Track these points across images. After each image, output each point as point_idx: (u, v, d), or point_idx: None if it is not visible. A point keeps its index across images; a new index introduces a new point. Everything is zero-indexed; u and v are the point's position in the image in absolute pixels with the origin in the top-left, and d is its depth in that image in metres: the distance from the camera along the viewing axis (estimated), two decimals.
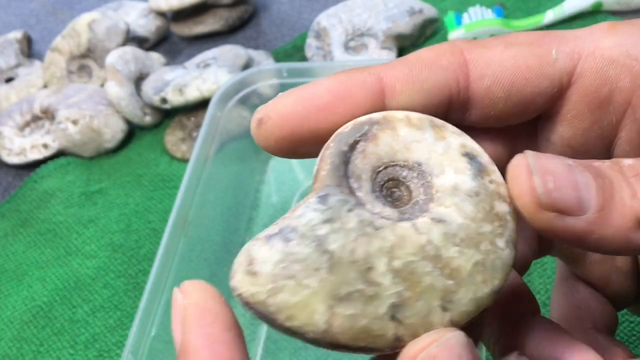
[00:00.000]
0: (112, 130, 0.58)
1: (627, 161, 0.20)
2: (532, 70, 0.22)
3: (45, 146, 0.59)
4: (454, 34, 0.60)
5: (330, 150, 0.21)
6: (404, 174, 0.21)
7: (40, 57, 0.71)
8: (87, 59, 0.65)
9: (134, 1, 0.73)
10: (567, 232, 0.19)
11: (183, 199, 0.44)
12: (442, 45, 0.22)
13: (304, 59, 0.63)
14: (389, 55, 0.60)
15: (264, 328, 0.45)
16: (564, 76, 0.22)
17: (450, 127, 0.22)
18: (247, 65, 0.59)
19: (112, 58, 0.59)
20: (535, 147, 0.24)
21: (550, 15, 0.60)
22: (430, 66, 0.22)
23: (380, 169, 0.21)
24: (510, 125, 0.24)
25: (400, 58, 0.22)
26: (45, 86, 0.66)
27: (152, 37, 0.70)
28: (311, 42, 0.62)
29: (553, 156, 0.19)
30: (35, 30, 0.77)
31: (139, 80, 0.61)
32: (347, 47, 0.61)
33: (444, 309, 0.19)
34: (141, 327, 0.38)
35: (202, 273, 0.46)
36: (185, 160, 0.57)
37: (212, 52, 0.61)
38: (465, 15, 0.61)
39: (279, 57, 0.65)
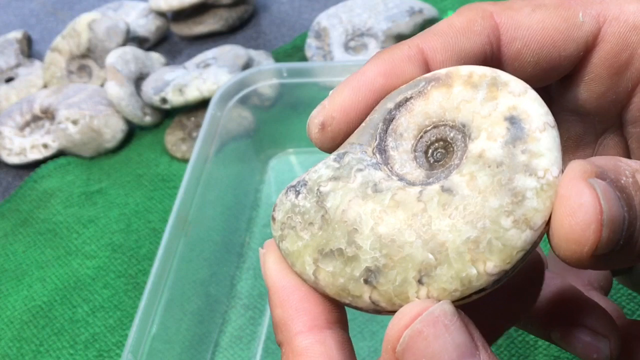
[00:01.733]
0: (112, 130, 0.58)
1: None
2: (560, 33, 0.22)
3: (45, 146, 0.59)
4: None
5: (376, 108, 0.21)
6: (452, 135, 0.20)
7: (40, 57, 0.71)
8: (87, 59, 0.65)
9: (134, 1, 0.73)
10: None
11: (183, 199, 0.44)
12: (470, 9, 0.22)
13: (304, 59, 0.63)
14: None
15: (264, 328, 0.45)
16: (589, 39, 0.22)
17: (514, 85, 0.20)
18: (247, 65, 0.59)
19: (112, 58, 0.59)
20: (548, 107, 0.25)
21: None
22: (464, 33, 0.22)
23: (429, 128, 0.20)
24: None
25: (432, 28, 0.22)
26: (45, 86, 0.66)
27: (152, 37, 0.70)
28: (311, 42, 0.62)
29: (606, 182, 0.17)
30: (35, 30, 0.77)
31: (139, 80, 0.61)
32: (347, 47, 0.61)
33: (420, 282, 0.19)
34: (141, 327, 0.38)
35: (202, 273, 0.46)
36: (185, 160, 0.57)
37: (212, 52, 0.61)
38: None
39: (279, 57, 0.65)
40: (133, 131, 0.61)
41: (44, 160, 0.60)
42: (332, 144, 0.22)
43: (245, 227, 0.51)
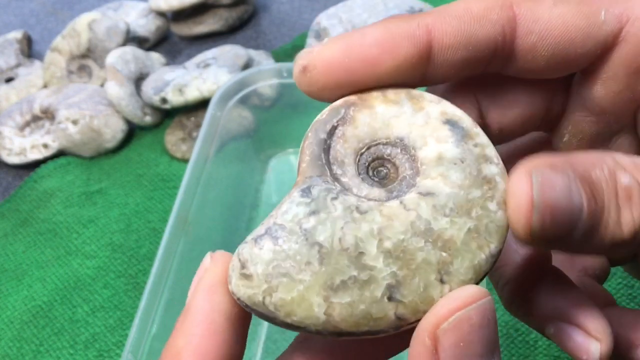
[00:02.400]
0: (112, 130, 0.58)
1: (624, 179, 0.19)
2: (579, 30, 0.22)
3: (45, 146, 0.59)
4: None
5: (309, 141, 0.21)
6: (388, 151, 0.21)
7: (40, 57, 0.71)
8: (87, 59, 0.65)
9: (134, 1, 0.73)
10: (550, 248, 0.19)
11: (183, 199, 0.44)
12: None
13: None
14: None
15: (264, 328, 0.45)
16: (609, 38, 0.22)
17: (428, 96, 0.21)
18: (247, 65, 0.59)
19: (112, 58, 0.59)
20: (567, 101, 0.25)
21: None
22: (479, 20, 0.21)
23: (363, 150, 0.21)
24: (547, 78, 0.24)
25: (448, 8, 0.22)
26: (45, 86, 0.66)
27: (152, 37, 0.70)
28: (311, 42, 0.62)
29: (555, 172, 0.18)
30: (35, 30, 0.77)
31: (139, 80, 0.61)
32: None
33: (442, 281, 0.19)
34: (141, 327, 0.38)
35: None
36: (185, 160, 0.57)
37: (212, 52, 0.61)
38: None
39: (279, 57, 0.65)
40: (133, 131, 0.61)
41: (44, 160, 0.60)
42: (308, 89, 0.22)
43: (245, 227, 0.51)
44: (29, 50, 0.72)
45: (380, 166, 0.21)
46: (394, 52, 0.21)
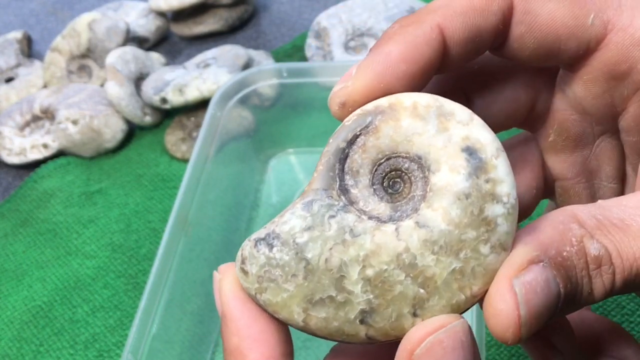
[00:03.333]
0: (112, 130, 0.58)
1: (593, 250, 0.20)
2: (566, 28, 0.22)
3: (45, 146, 0.59)
4: None
5: (328, 148, 0.21)
6: (406, 165, 0.21)
7: (40, 57, 0.71)
8: (87, 59, 0.65)
9: (134, 1, 0.73)
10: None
11: (183, 199, 0.44)
12: None
13: (304, 59, 0.63)
14: None
15: None
16: (593, 42, 0.22)
17: (460, 114, 0.21)
18: (247, 65, 0.59)
19: (112, 58, 0.59)
20: (551, 95, 0.25)
21: None
22: (482, 13, 0.22)
23: (382, 160, 0.21)
24: (533, 70, 0.25)
25: (452, 3, 0.22)
26: (45, 86, 0.66)
27: (152, 37, 0.70)
28: (311, 42, 0.62)
29: (533, 270, 0.19)
30: (35, 30, 0.77)
31: (139, 80, 0.61)
32: (347, 47, 0.61)
33: (415, 315, 0.20)
34: (141, 327, 0.38)
35: (202, 273, 0.46)
36: (185, 160, 0.57)
37: (212, 52, 0.61)
38: None
39: (279, 57, 0.65)
40: (133, 131, 0.61)
41: (44, 160, 0.60)
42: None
43: (245, 227, 0.51)
44: (29, 50, 0.72)
45: (397, 178, 0.21)
46: (419, 61, 0.22)
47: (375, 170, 0.21)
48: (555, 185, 0.27)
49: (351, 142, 0.21)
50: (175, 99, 0.57)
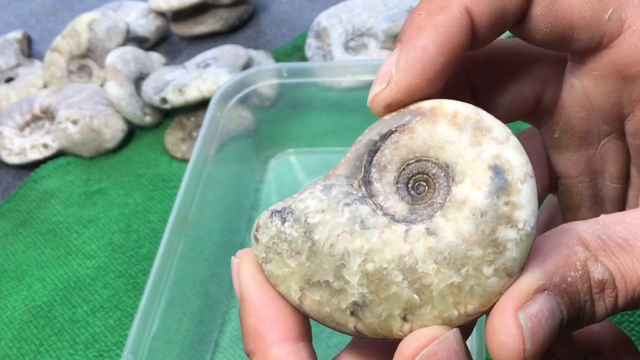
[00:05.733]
0: (112, 130, 0.58)
1: (597, 274, 0.20)
2: (582, 18, 0.22)
3: (45, 146, 0.59)
4: None
5: (361, 137, 0.21)
6: (434, 171, 0.21)
7: (40, 57, 0.71)
8: (87, 59, 0.65)
9: (134, 1, 0.73)
10: None
11: (183, 199, 0.44)
12: None
13: (304, 59, 0.63)
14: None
15: None
16: (606, 38, 0.22)
17: (497, 131, 0.20)
18: (247, 65, 0.59)
19: (112, 58, 0.59)
20: (559, 90, 0.25)
21: None
22: None
23: (412, 161, 0.21)
24: (541, 62, 0.25)
25: None
26: (45, 86, 0.66)
27: (152, 37, 0.70)
28: (311, 42, 0.62)
29: (539, 300, 0.19)
30: (35, 30, 0.77)
31: (139, 80, 0.61)
32: (347, 47, 0.61)
33: (405, 319, 0.20)
34: (141, 327, 0.38)
35: (202, 273, 0.46)
36: (185, 160, 0.57)
37: (212, 52, 0.61)
38: None
39: (279, 57, 0.65)
40: (133, 131, 0.61)
41: (44, 160, 0.60)
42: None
43: (245, 227, 0.51)
44: (29, 50, 0.72)
45: (422, 181, 0.21)
46: (455, 50, 0.21)
47: (403, 170, 0.21)
48: (559, 183, 0.27)
49: (385, 136, 0.21)
50: (175, 99, 0.57)
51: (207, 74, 0.57)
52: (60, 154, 0.60)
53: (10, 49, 0.70)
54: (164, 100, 0.57)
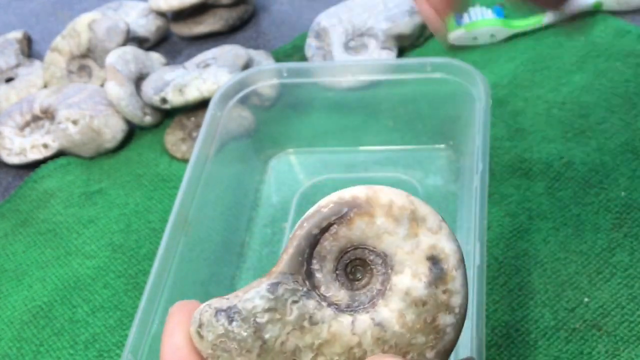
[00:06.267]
0: (112, 130, 0.58)
1: None
2: None
3: (45, 146, 0.59)
4: (453, 34, 0.60)
5: (300, 231, 0.22)
6: (371, 257, 0.22)
7: (40, 57, 0.71)
8: (87, 59, 0.65)
9: (134, 1, 0.73)
10: None
11: (183, 199, 0.44)
12: None
13: (304, 59, 0.63)
14: (389, 55, 0.60)
15: None
16: None
17: (431, 221, 0.22)
18: (247, 65, 0.59)
19: (112, 58, 0.59)
20: None
21: (551, 15, 0.60)
22: None
23: (350, 249, 0.22)
24: None
25: None
26: (45, 86, 0.66)
27: (152, 37, 0.70)
28: (311, 42, 0.62)
29: None
30: (35, 30, 0.77)
31: (139, 80, 0.61)
32: (347, 47, 0.61)
33: None
34: (141, 327, 0.38)
35: (201, 273, 0.46)
36: (185, 160, 0.57)
37: (212, 52, 0.61)
38: (465, 16, 0.61)
39: (279, 57, 0.65)
40: (133, 131, 0.61)
41: (44, 161, 0.60)
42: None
43: (245, 227, 0.51)
44: (29, 50, 0.72)
45: (359, 266, 0.22)
46: None
47: (341, 257, 0.22)
48: None
49: (324, 229, 0.22)
50: (175, 99, 0.57)
51: (207, 74, 0.57)
52: (60, 154, 0.60)
53: (10, 49, 0.70)
54: (164, 100, 0.57)
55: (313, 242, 0.22)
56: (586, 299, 0.42)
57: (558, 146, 0.50)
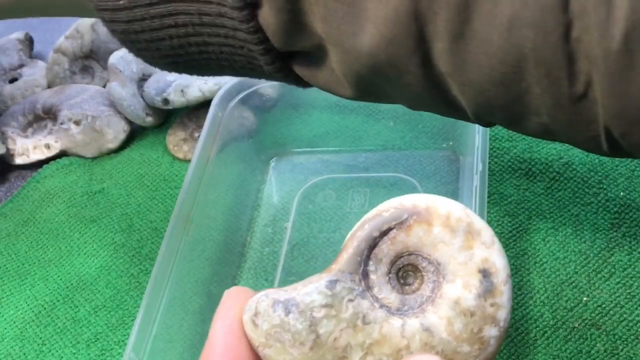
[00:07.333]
0: (114, 131, 0.59)
1: None
2: None
3: (47, 146, 0.60)
4: None
5: (361, 232, 0.23)
6: (424, 264, 0.23)
7: (43, 58, 0.71)
8: (90, 60, 0.66)
9: None
10: None
11: (185, 199, 0.44)
12: None
13: None
14: None
15: None
16: None
17: (485, 235, 0.23)
18: None
19: (114, 59, 0.60)
20: None
21: None
22: None
23: (404, 254, 0.23)
24: None
25: None
26: (48, 87, 0.66)
27: None
28: None
29: None
30: (37, 31, 0.78)
31: (141, 80, 0.61)
32: None
33: None
34: (143, 326, 0.38)
35: (203, 273, 0.46)
36: (187, 161, 0.57)
37: None
38: None
39: None
40: (135, 131, 0.61)
41: (47, 161, 0.60)
42: None
43: (247, 226, 0.51)
44: (31, 51, 0.73)
45: (410, 271, 0.23)
46: None
47: (395, 262, 0.23)
48: None
49: (384, 233, 0.23)
50: (177, 99, 0.57)
51: None
52: (62, 154, 0.60)
53: (13, 50, 0.70)
54: (165, 101, 0.58)
55: (372, 244, 0.23)
56: (585, 298, 0.42)
57: (557, 146, 0.50)
